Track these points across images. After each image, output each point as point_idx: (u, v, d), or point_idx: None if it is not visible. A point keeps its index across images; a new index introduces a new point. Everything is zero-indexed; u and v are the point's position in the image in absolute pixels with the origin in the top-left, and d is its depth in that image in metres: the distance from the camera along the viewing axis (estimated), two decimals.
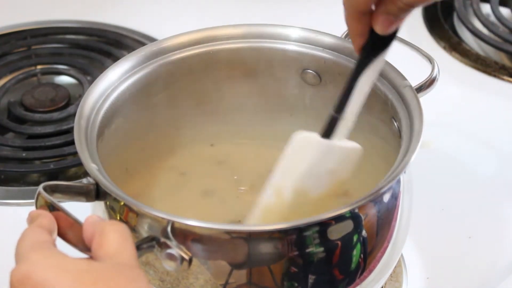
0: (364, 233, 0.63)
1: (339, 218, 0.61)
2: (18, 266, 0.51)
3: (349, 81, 0.64)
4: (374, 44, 0.63)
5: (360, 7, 0.61)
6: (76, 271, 0.50)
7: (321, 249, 0.61)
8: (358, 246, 0.63)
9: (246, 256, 0.60)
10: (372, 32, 0.62)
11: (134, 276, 0.51)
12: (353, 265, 0.63)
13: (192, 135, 0.79)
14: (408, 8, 0.60)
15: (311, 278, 0.62)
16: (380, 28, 0.61)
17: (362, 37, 0.63)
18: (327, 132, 0.64)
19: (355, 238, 0.62)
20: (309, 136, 0.64)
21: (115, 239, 0.53)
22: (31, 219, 0.57)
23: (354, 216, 0.62)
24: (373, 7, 0.62)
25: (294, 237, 0.60)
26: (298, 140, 0.64)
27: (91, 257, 0.54)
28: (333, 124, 0.64)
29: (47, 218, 0.56)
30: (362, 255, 0.63)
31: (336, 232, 0.62)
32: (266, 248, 0.60)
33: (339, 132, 0.64)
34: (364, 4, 0.61)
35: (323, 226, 0.61)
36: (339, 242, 0.62)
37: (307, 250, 0.61)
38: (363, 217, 0.63)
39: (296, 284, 0.62)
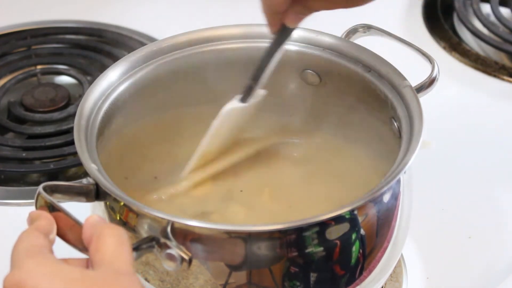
0: (362, 231, 0.63)
1: (339, 218, 0.61)
2: (11, 272, 0.51)
3: (267, 56, 0.71)
4: (286, 30, 0.70)
5: (276, 9, 0.68)
6: (69, 279, 0.50)
7: (321, 248, 0.61)
8: (357, 243, 0.63)
9: (246, 256, 0.60)
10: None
11: (127, 283, 0.51)
12: (353, 261, 0.63)
13: (192, 135, 0.79)
14: (313, 12, 0.69)
15: (313, 276, 0.62)
16: (290, 23, 0.69)
17: (276, 26, 0.70)
18: (245, 97, 0.73)
19: (353, 236, 0.62)
20: (233, 105, 0.73)
21: (111, 244, 0.53)
22: (31, 220, 0.57)
23: (353, 216, 0.62)
24: None
25: (294, 236, 0.60)
26: (225, 111, 0.73)
27: (88, 259, 0.54)
28: (250, 91, 0.73)
29: (45, 220, 0.56)
30: (361, 251, 0.63)
31: (336, 232, 0.62)
32: (266, 248, 0.60)
33: (252, 96, 0.73)
34: (280, 7, 0.68)
35: (323, 226, 0.61)
36: (338, 241, 0.62)
37: (308, 249, 0.61)
38: (362, 217, 0.63)
39: (298, 283, 0.62)
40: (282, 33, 0.70)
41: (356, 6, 0.69)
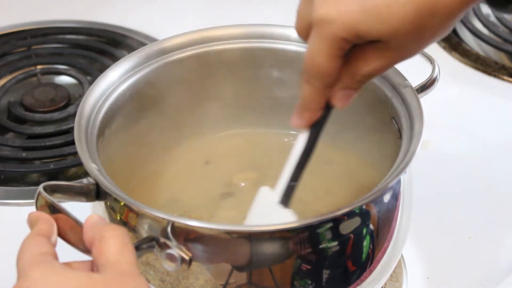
0: (371, 226, 0.63)
1: (338, 219, 0.61)
2: (18, 283, 0.51)
3: (305, 153, 0.63)
4: (326, 115, 0.62)
5: (329, 80, 0.59)
6: (76, 285, 0.50)
7: (320, 248, 0.61)
8: (368, 237, 0.63)
9: (249, 257, 0.60)
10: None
11: (134, 285, 0.51)
12: (364, 256, 0.63)
13: (192, 135, 0.79)
14: (366, 80, 0.60)
15: (325, 273, 0.62)
16: (340, 104, 0.61)
17: (320, 111, 0.62)
18: (286, 200, 0.63)
19: (364, 230, 0.63)
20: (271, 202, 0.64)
21: (114, 245, 0.53)
22: (30, 222, 0.56)
23: (362, 211, 0.62)
24: None
25: (293, 237, 0.60)
26: (261, 201, 0.65)
27: (92, 261, 0.54)
28: (291, 191, 0.63)
29: (46, 223, 0.56)
30: (371, 246, 0.63)
31: (335, 233, 0.61)
32: (270, 248, 0.60)
33: (292, 198, 0.64)
34: (333, 76, 0.59)
35: (322, 226, 0.61)
36: (336, 243, 0.62)
37: (306, 250, 0.61)
38: (371, 212, 0.63)
39: (309, 282, 0.62)
40: (323, 118, 0.62)
41: (406, 59, 0.59)
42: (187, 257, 0.57)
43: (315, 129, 0.63)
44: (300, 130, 0.63)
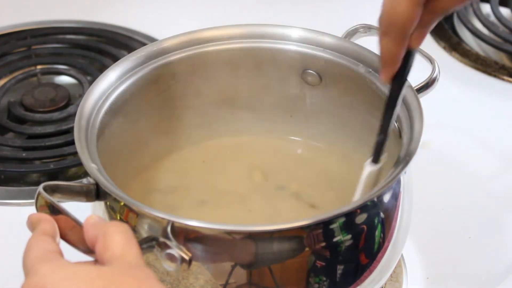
0: (382, 214, 0.63)
1: (336, 221, 0.61)
2: (28, 279, 0.51)
3: (389, 107, 0.64)
4: (404, 66, 0.63)
5: (410, 29, 0.59)
6: (87, 278, 0.50)
7: (349, 236, 0.61)
8: (379, 226, 0.63)
9: (251, 257, 0.60)
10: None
11: (143, 276, 0.51)
12: (375, 246, 0.64)
13: (192, 135, 0.79)
14: (441, 15, 0.60)
15: (339, 269, 0.62)
16: (417, 43, 0.61)
17: (398, 63, 0.62)
18: (377, 156, 0.66)
19: (376, 220, 0.63)
20: (369, 170, 0.66)
21: (119, 240, 0.53)
22: (30, 223, 0.56)
23: (362, 212, 0.62)
24: None
25: (291, 237, 0.60)
26: (364, 178, 0.67)
27: (95, 260, 0.54)
28: (382, 147, 0.66)
29: (48, 223, 0.56)
30: (382, 235, 0.64)
31: (332, 235, 0.62)
32: (272, 247, 0.60)
33: (384, 152, 0.66)
34: (414, 25, 0.59)
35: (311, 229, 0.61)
36: (331, 245, 0.62)
37: (334, 240, 0.61)
38: (370, 212, 0.63)
39: (324, 278, 0.62)
40: (402, 69, 0.62)
41: None
42: (187, 257, 0.57)
43: (397, 80, 0.63)
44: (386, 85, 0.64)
